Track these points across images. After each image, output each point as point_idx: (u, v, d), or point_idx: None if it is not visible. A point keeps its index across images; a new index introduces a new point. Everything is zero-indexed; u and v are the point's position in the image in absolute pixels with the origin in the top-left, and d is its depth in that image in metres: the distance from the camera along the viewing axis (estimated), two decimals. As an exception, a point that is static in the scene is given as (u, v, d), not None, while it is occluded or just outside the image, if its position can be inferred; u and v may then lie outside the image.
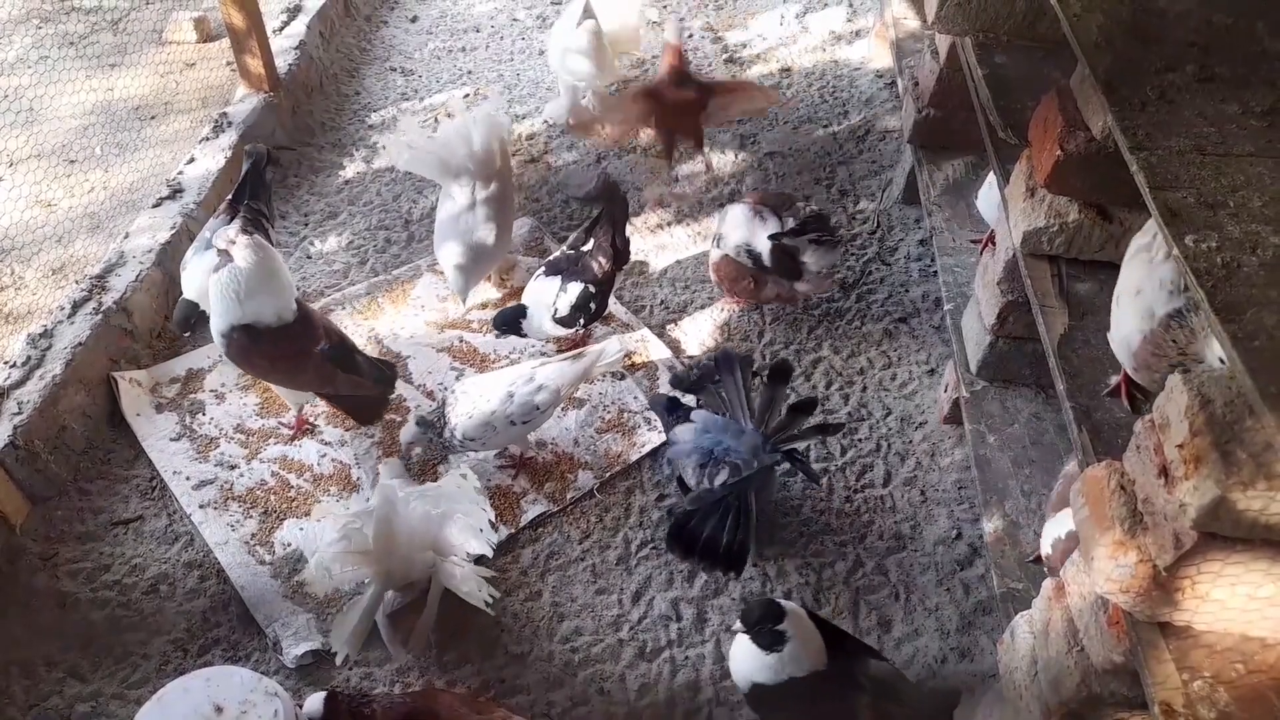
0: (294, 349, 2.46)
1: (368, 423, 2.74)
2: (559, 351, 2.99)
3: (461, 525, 2.21)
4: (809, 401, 2.52)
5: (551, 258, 2.97)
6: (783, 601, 1.95)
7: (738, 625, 1.96)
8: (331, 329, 2.57)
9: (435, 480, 2.64)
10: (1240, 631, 1.53)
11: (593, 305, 2.82)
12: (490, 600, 2.22)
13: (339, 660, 2.19)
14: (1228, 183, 1.65)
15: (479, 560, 2.34)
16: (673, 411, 2.51)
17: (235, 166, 3.42)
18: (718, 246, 3.06)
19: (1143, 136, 1.75)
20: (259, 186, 2.90)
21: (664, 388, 2.86)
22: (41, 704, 2.17)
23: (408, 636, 2.24)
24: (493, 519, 2.22)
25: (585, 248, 2.88)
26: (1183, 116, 1.81)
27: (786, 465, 2.45)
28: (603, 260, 2.83)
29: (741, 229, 2.96)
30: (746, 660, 1.98)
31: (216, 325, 2.44)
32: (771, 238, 2.88)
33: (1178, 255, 1.50)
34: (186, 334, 2.91)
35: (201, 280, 2.66)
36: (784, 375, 2.53)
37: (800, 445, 2.53)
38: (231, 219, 2.76)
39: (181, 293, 2.85)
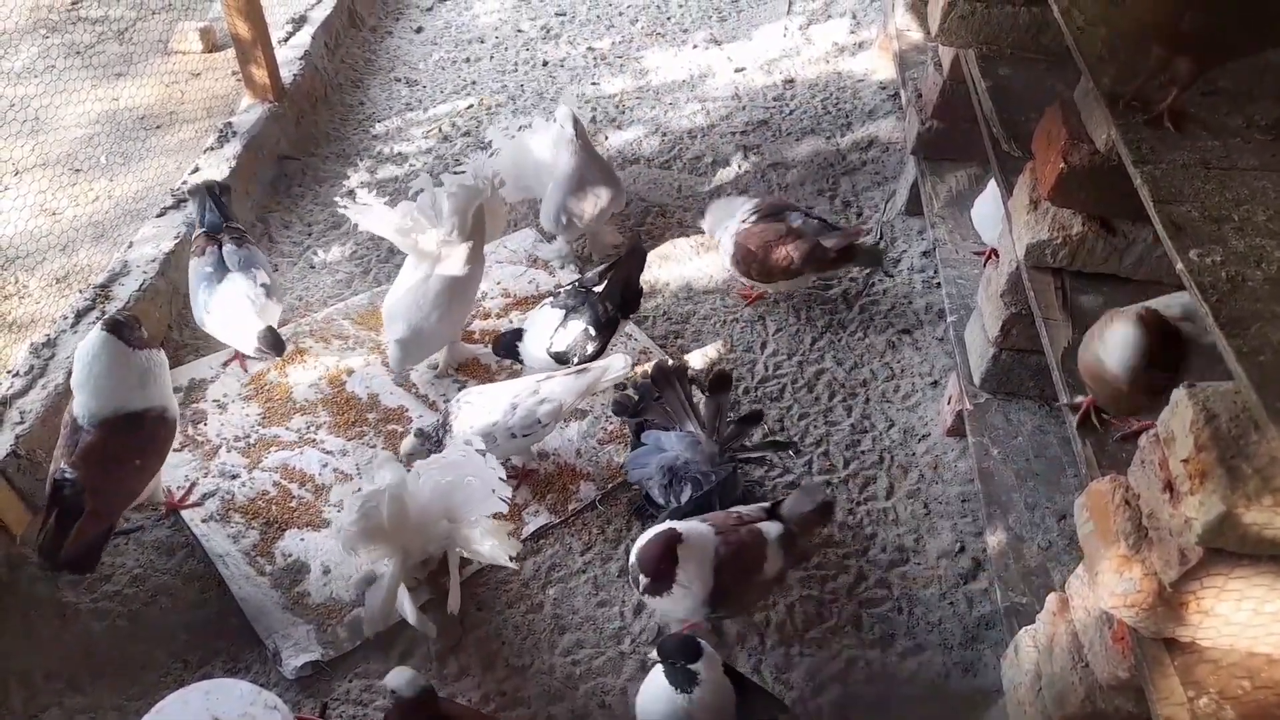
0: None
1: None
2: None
3: (473, 489, 2.22)
4: (756, 414, 2.59)
5: (563, 290, 2.89)
6: (702, 643, 1.92)
7: (653, 655, 1.93)
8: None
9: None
10: (1246, 648, 1.52)
11: (590, 347, 2.75)
12: (513, 555, 2.26)
13: (370, 633, 2.27)
14: (1232, 197, 1.65)
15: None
16: (640, 431, 2.56)
17: (240, 176, 3.44)
18: (715, 237, 3.19)
19: (1147, 150, 1.75)
20: (223, 210, 2.88)
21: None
22: (40, 715, 2.16)
23: (440, 618, 2.29)
24: (503, 476, 2.22)
25: (597, 288, 2.81)
26: (1187, 130, 1.80)
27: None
28: (609, 306, 2.77)
29: (723, 212, 3.17)
30: (656, 704, 1.94)
31: None
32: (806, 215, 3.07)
33: (1182, 270, 1.50)
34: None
35: (231, 309, 2.70)
36: (724, 384, 2.55)
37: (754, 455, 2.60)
38: (219, 247, 2.77)
39: (188, 306, 2.85)
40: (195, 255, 2.82)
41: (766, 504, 2.27)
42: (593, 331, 2.74)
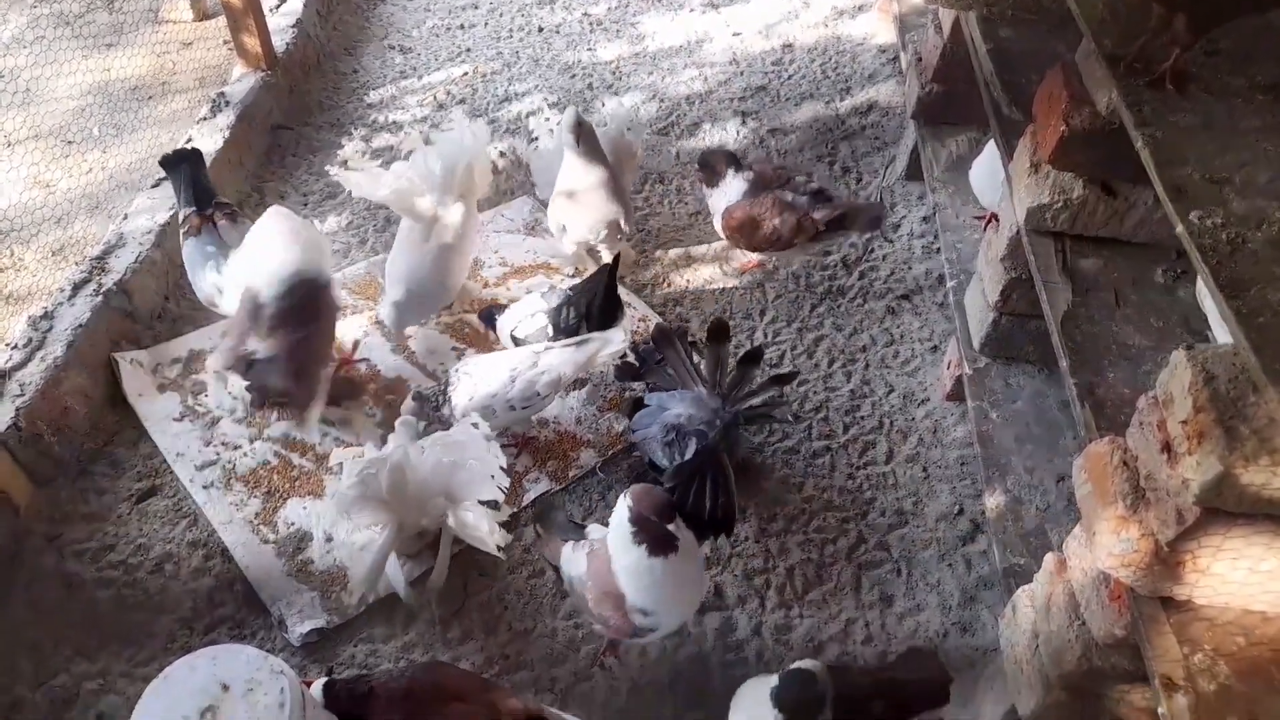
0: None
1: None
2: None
3: (472, 472, 2.23)
4: (755, 351, 2.53)
5: (561, 289, 2.81)
6: (809, 664, 1.80)
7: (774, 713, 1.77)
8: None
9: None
10: (1241, 605, 1.55)
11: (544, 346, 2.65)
12: (501, 546, 2.26)
13: (355, 599, 2.28)
14: (1233, 159, 1.64)
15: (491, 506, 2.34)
16: (638, 403, 2.55)
17: (234, 147, 3.41)
18: (712, 203, 3.10)
19: (1148, 112, 1.74)
20: (203, 184, 2.80)
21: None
22: (49, 682, 2.19)
23: (425, 590, 2.31)
24: (503, 465, 2.22)
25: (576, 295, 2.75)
26: (1188, 91, 1.79)
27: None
28: (571, 313, 2.70)
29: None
30: None
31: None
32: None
33: (1182, 232, 1.50)
34: None
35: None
36: (722, 333, 2.51)
37: (760, 399, 2.54)
38: (213, 224, 2.70)
39: (184, 278, 2.80)
40: (191, 235, 2.73)
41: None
42: (550, 332, 2.71)
